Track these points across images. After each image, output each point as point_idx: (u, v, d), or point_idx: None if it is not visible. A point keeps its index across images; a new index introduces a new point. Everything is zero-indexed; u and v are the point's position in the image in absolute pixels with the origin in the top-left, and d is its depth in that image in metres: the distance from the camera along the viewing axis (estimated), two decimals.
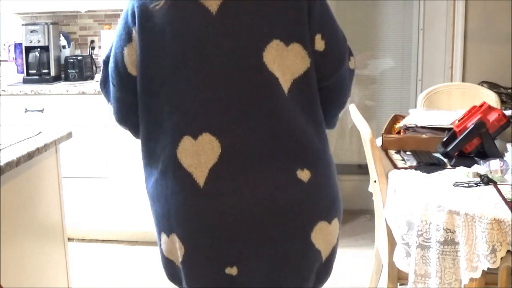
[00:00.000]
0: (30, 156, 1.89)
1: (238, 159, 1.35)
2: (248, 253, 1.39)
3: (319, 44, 1.37)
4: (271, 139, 1.35)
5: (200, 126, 1.34)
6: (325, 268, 1.48)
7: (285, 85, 1.35)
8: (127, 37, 1.40)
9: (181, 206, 1.39)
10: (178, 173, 1.37)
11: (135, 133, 1.51)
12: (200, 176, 1.36)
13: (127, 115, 1.49)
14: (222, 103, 1.34)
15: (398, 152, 2.37)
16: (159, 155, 1.41)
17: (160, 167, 1.41)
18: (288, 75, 1.35)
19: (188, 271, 1.45)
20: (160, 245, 1.50)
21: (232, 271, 1.41)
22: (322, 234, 1.42)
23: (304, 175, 1.38)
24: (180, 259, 1.44)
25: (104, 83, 1.51)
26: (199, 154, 1.35)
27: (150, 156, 1.44)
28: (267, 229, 1.38)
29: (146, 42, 1.36)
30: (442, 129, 2.40)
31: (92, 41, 4.05)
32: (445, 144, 2.21)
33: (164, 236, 1.46)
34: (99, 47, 4.00)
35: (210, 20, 1.32)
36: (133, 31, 1.38)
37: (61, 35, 3.93)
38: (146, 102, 1.41)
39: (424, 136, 2.39)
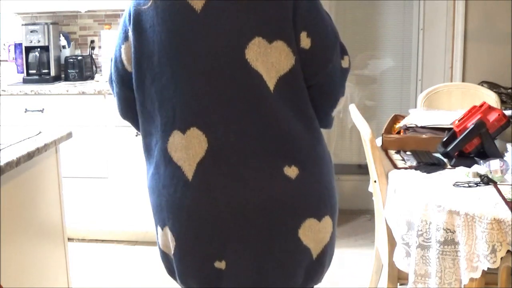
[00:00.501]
0: (30, 156, 1.89)
1: (225, 155, 1.36)
2: (235, 248, 1.40)
3: (305, 41, 1.37)
4: (257, 136, 1.36)
5: (188, 121, 1.37)
6: (316, 266, 1.47)
7: (270, 82, 1.35)
8: (124, 36, 1.45)
9: (171, 199, 1.41)
10: (169, 166, 1.40)
11: (137, 127, 1.54)
12: (189, 170, 1.38)
13: (128, 110, 1.53)
14: (208, 99, 1.35)
15: (398, 152, 2.37)
16: (154, 149, 1.45)
17: (155, 160, 1.45)
18: (273, 72, 1.35)
19: (178, 264, 1.47)
20: (157, 239, 1.52)
21: (221, 265, 1.42)
22: (311, 232, 1.41)
23: (291, 171, 1.38)
24: (172, 252, 1.46)
25: (110, 79, 1.56)
26: (188, 148, 1.37)
27: (147, 150, 1.48)
28: (254, 224, 1.38)
29: (138, 40, 1.41)
30: (442, 129, 2.40)
31: (92, 41, 4.05)
32: (445, 144, 2.20)
33: (159, 229, 1.49)
34: (99, 47, 4.00)
35: (195, 19, 1.34)
36: (129, 30, 1.43)
37: (61, 35, 3.93)
38: (140, 98, 1.45)
39: (424, 136, 2.39)
